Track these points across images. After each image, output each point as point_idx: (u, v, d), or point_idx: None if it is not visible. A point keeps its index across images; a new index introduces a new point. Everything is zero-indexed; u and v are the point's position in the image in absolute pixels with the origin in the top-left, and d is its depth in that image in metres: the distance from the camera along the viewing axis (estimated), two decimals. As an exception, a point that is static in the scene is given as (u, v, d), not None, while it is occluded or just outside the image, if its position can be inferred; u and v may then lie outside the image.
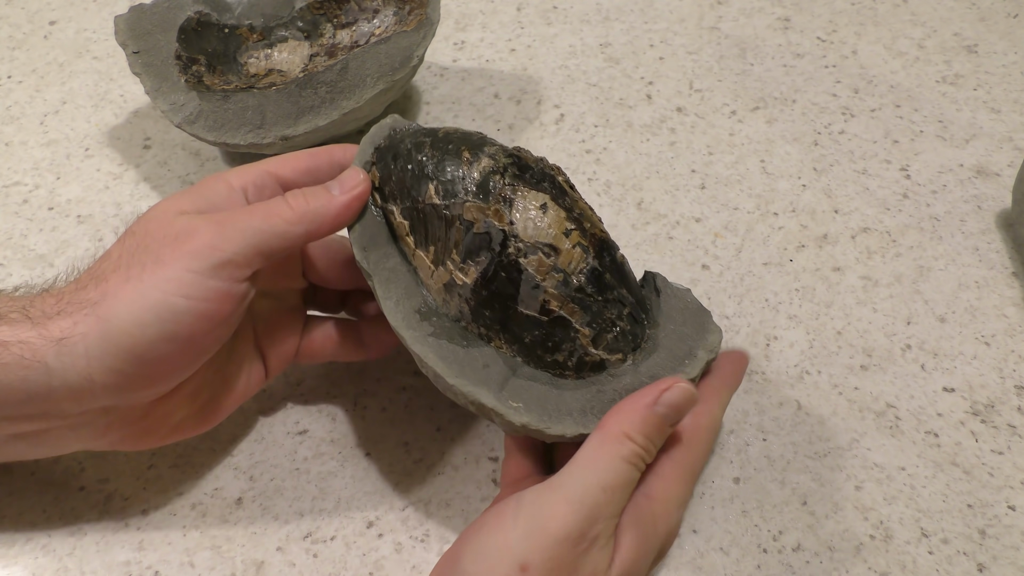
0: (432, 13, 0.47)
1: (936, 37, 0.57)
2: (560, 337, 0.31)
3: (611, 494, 0.27)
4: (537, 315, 0.31)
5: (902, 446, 0.37)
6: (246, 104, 0.44)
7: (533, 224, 0.32)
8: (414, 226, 0.32)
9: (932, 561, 0.34)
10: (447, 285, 0.32)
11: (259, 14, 0.50)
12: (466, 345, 0.31)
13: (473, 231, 0.31)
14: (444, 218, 0.32)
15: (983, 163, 0.49)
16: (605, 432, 0.28)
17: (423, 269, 0.32)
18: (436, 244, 0.32)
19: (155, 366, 0.29)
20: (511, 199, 0.32)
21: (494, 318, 0.31)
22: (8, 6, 0.61)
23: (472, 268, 0.31)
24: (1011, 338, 0.41)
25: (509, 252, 0.31)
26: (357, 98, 0.44)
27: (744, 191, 0.48)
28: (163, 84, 0.44)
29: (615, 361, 0.32)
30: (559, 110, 0.53)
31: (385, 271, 0.31)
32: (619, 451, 0.27)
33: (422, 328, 0.31)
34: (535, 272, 0.31)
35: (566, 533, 0.26)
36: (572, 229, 0.32)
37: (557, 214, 0.32)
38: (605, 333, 0.32)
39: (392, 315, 0.31)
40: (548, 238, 0.31)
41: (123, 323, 0.28)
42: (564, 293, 0.31)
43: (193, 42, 0.47)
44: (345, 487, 0.36)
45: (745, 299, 0.43)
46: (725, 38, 0.57)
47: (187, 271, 0.28)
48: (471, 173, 0.32)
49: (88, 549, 0.35)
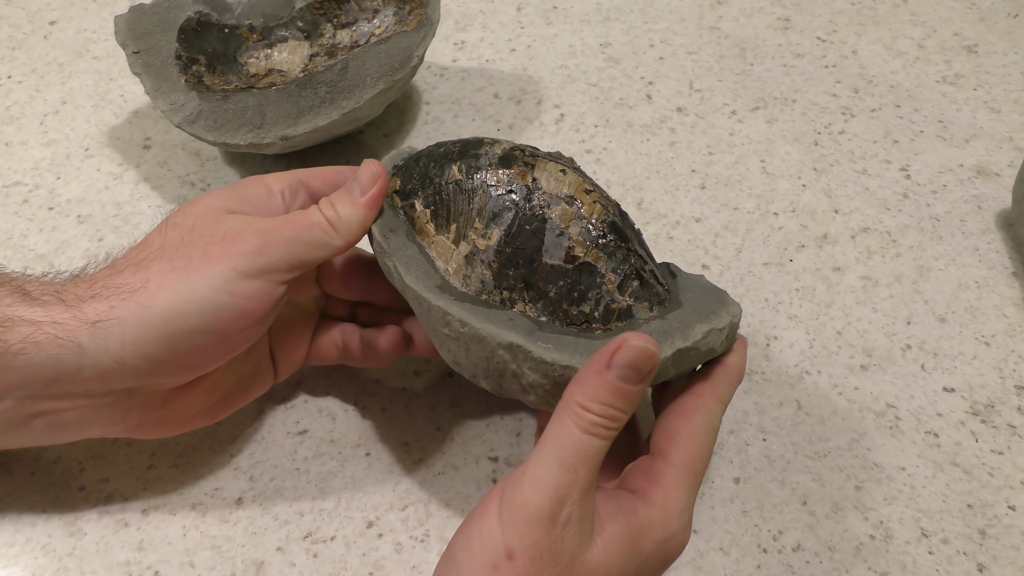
0: (432, 13, 0.47)
1: (936, 37, 0.57)
2: (586, 285, 0.31)
3: (573, 471, 0.26)
4: (562, 263, 0.31)
5: (902, 446, 0.37)
6: (246, 104, 0.44)
7: (555, 180, 0.33)
8: (435, 212, 0.33)
9: (932, 561, 0.34)
10: (468, 256, 0.32)
11: (259, 14, 0.50)
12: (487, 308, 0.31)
13: (497, 193, 0.32)
14: (467, 191, 0.32)
15: (983, 163, 0.49)
16: (562, 405, 0.27)
17: (443, 255, 0.32)
18: (458, 220, 0.32)
19: (188, 355, 0.30)
20: (533, 164, 0.33)
21: (518, 276, 0.32)
22: (8, 6, 0.61)
23: (495, 231, 0.32)
24: (1011, 338, 0.41)
25: (533, 204, 0.32)
26: (357, 98, 0.44)
27: (744, 191, 0.48)
28: (163, 84, 0.44)
29: (641, 309, 0.31)
30: (559, 110, 0.53)
31: (404, 256, 0.32)
32: (576, 423, 0.27)
33: (444, 296, 0.31)
34: (559, 220, 0.32)
35: (536, 516, 0.26)
36: (591, 190, 0.33)
37: (576, 177, 0.33)
38: (630, 280, 0.32)
39: (415, 285, 0.31)
40: (570, 191, 0.32)
41: (164, 310, 0.29)
42: (588, 239, 0.31)
43: (193, 42, 0.47)
44: (345, 487, 0.36)
45: (745, 299, 0.43)
46: (725, 38, 0.57)
47: (233, 270, 0.30)
48: (493, 151, 0.34)
49: (88, 549, 0.35)
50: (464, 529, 0.27)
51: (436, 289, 0.31)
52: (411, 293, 0.31)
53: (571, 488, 0.26)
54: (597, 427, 0.27)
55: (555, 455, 0.26)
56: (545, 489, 0.26)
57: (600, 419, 0.27)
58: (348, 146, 0.51)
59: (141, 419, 0.33)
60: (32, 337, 0.28)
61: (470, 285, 0.32)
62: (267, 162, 0.50)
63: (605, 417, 0.27)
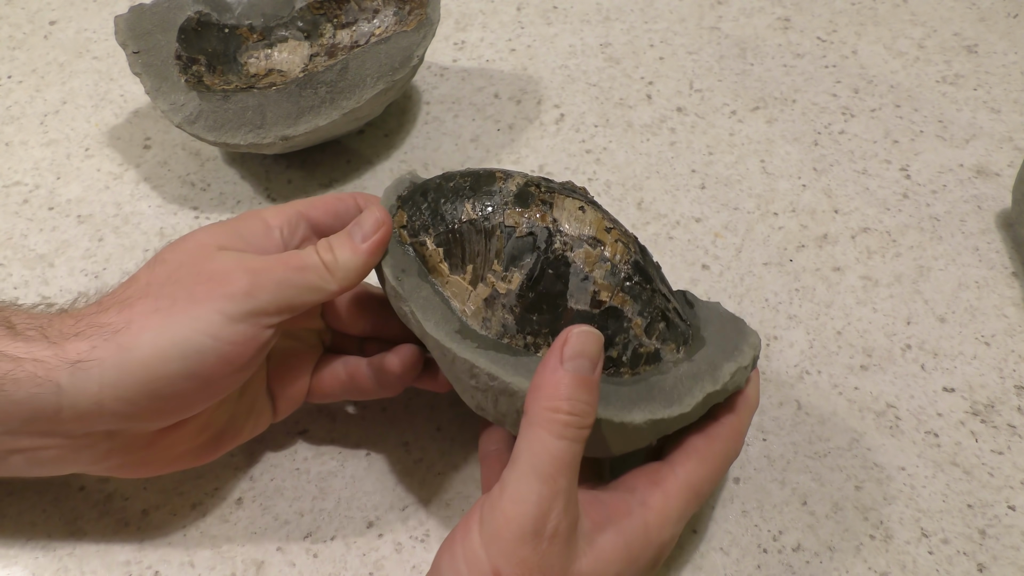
0: (432, 13, 0.47)
1: (936, 37, 0.57)
2: (613, 330, 0.31)
3: (552, 481, 0.25)
4: (588, 308, 0.31)
5: (902, 446, 0.37)
6: (246, 104, 0.44)
7: (576, 220, 0.32)
8: (449, 251, 0.32)
9: (932, 561, 0.34)
10: (488, 300, 0.31)
11: (259, 14, 0.50)
12: (512, 355, 0.30)
13: (516, 235, 0.31)
14: (483, 231, 0.31)
15: (983, 163, 0.49)
16: (528, 417, 0.27)
17: (458, 296, 0.31)
18: (475, 261, 0.31)
19: (169, 400, 0.29)
20: (550, 203, 0.32)
21: (542, 321, 0.31)
22: (8, 6, 0.61)
23: (516, 274, 0.31)
24: (1011, 338, 0.41)
25: (555, 247, 0.31)
26: (357, 98, 0.44)
27: (744, 191, 0.48)
28: (163, 84, 0.44)
29: (669, 351, 0.31)
30: (559, 110, 0.53)
31: (420, 299, 0.31)
32: (547, 430, 0.26)
33: (466, 344, 0.30)
34: (583, 264, 0.31)
35: (520, 534, 0.25)
36: (611, 228, 0.32)
37: (596, 214, 0.32)
38: (656, 323, 0.31)
39: (436, 333, 0.30)
40: (592, 231, 0.32)
41: (144, 355, 0.28)
42: (613, 282, 0.31)
43: (193, 42, 0.47)
44: (345, 487, 0.36)
45: (745, 299, 0.43)
46: (725, 38, 0.57)
47: (219, 313, 0.28)
48: (507, 187, 0.33)
49: (88, 549, 0.35)
50: (448, 548, 0.27)
51: (457, 335, 0.30)
52: (432, 341, 0.30)
53: (553, 499, 0.25)
54: (569, 428, 0.26)
55: (531, 467, 0.25)
56: (527, 504, 0.25)
57: (570, 417, 0.26)
58: (348, 146, 0.51)
59: (123, 461, 0.31)
60: (12, 374, 0.27)
61: (490, 328, 0.31)
62: (267, 162, 0.50)
63: (574, 414, 0.26)
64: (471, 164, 0.50)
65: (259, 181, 0.49)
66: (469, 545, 0.26)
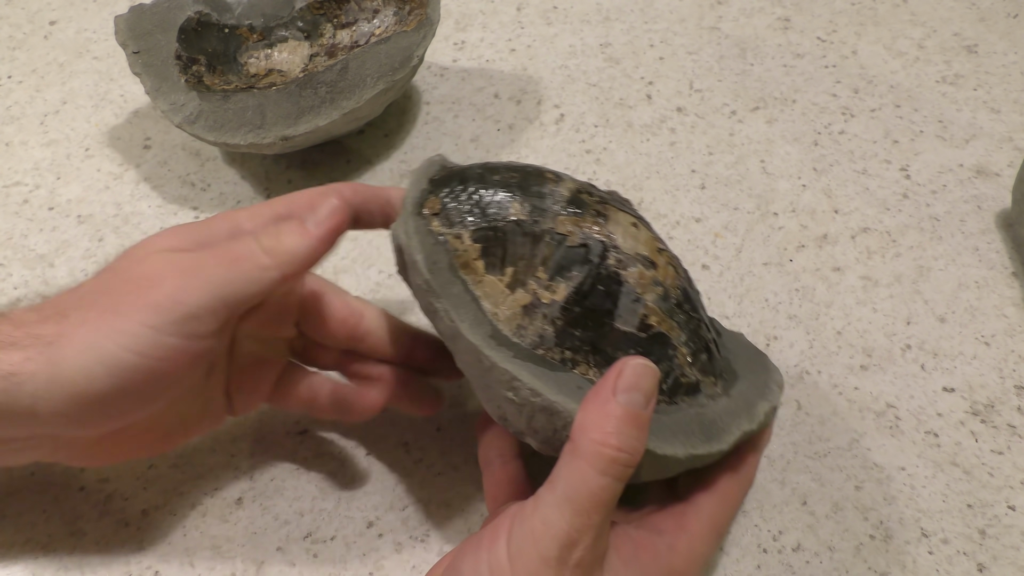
0: (432, 13, 0.47)
1: (936, 37, 0.57)
2: (657, 356, 0.29)
3: (586, 516, 0.25)
4: (635, 331, 0.29)
5: (902, 446, 0.37)
6: (246, 104, 0.44)
7: (631, 237, 0.30)
8: (487, 249, 0.30)
9: (932, 561, 0.34)
10: (527, 307, 0.29)
11: (259, 14, 0.50)
12: (551, 370, 0.28)
13: (567, 244, 0.30)
14: (531, 234, 0.30)
15: (983, 163, 0.49)
16: (575, 444, 0.26)
17: (491, 297, 0.29)
18: (517, 264, 0.30)
19: (103, 412, 0.28)
20: (605, 215, 0.31)
21: (585, 338, 0.29)
22: (8, 6, 0.61)
23: (562, 285, 0.29)
24: (1011, 338, 0.41)
25: (608, 263, 0.29)
26: (357, 98, 0.44)
27: (744, 191, 0.48)
28: (163, 84, 0.44)
29: (708, 384, 0.30)
30: (559, 110, 0.53)
31: (452, 296, 0.29)
32: (591, 464, 0.25)
33: (503, 352, 0.28)
34: (635, 285, 0.29)
35: (545, 556, 0.25)
36: (662, 249, 0.31)
37: (648, 233, 0.31)
38: (700, 354, 0.30)
39: (472, 337, 0.28)
40: (645, 251, 0.30)
41: (71, 371, 0.27)
42: (664, 308, 0.30)
43: (193, 42, 0.47)
44: (345, 487, 0.36)
45: (745, 299, 0.43)
46: (725, 38, 0.57)
47: (143, 326, 0.27)
48: (559, 190, 0.31)
49: (88, 549, 0.35)
50: (473, 551, 0.26)
51: (492, 340, 0.28)
52: (466, 344, 0.28)
53: (583, 533, 0.25)
54: (614, 465, 0.25)
55: (568, 498, 0.25)
56: (556, 531, 0.25)
57: (617, 454, 0.25)
58: (348, 146, 0.51)
59: (72, 453, 0.31)
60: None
61: (525, 337, 0.29)
62: (267, 162, 0.50)
63: (622, 451, 0.25)
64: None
65: (259, 181, 0.49)
66: (496, 554, 0.26)
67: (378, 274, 0.44)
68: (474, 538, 0.27)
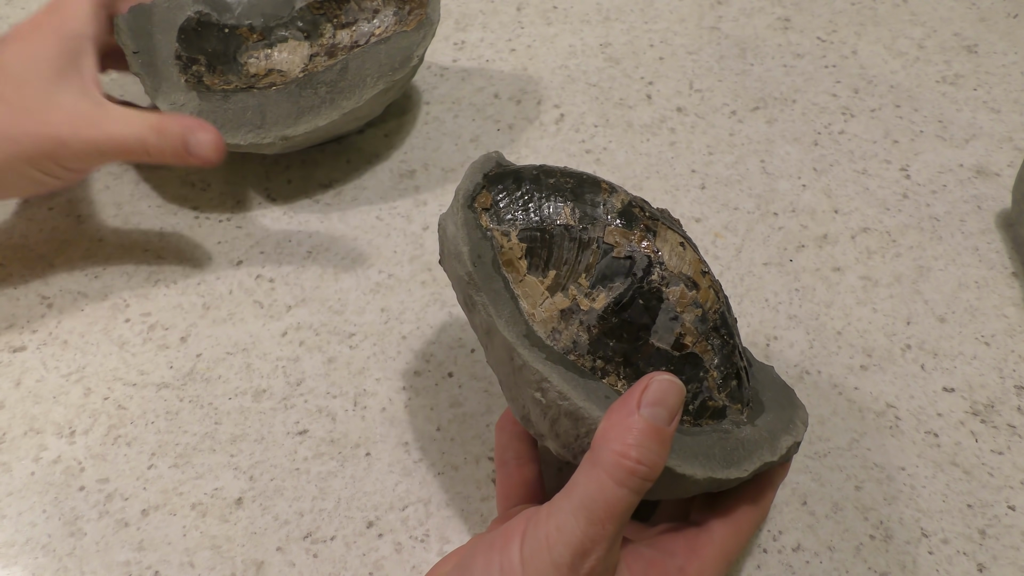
0: (432, 13, 0.47)
1: (936, 37, 0.57)
2: (689, 376, 0.30)
3: (600, 526, 0.25)
4: (669, 349, 0.30)
5: (902, 446, 0.37)
6: (246, 104, 0.44)
7: (677, 256, 0.31)
8: (532, 249, 0.30)
9: (932, 561, 0.34)
10: (565, 312, 0.29)
11: (259, 14, 0.50)
12: (581, 376, 0.28)
13: (613, 255, 0.30)
14: (578, 240, 0.30)
15: (983, 163, 0.49)
16: (595, 453, 0.26)
17: (529, 297, 0.30)
18: (560, 268, 0.30)
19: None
20: (654, 231, 0.31)
21: (618, 349, 0.29)
22: (8, 6, 0.61)
23: (602, 294, 0.30)
24: (1011, 338, 0.41)
25: (652, 279, 0.30)
26: (357, 98, 0.44)
27: (744, 191, 0.48)
28: (163, 84, 0.44)
29: (734, 410, 0.30)
30: (559, 110, 0.53)
31: (491, 291, 0.29)
32: (611, 474, 0.25)
33: (535, 352, 0.28)
34: (675, 303, 0.30)
35: (557, 563, 0.25)
36: (706, 272, 0.31)
37: (694, 255, 0.31)
38: (730, 380, 0.30)
39: (507, 333, 0.28)
40: (690, 271, 0.30)
41: None
42: (700, 330, 0.30)
43: (193, 42, 0.47)
44: (345, 487, 0.36)
45: (745, 299, 0.43)
46: (725, 38, 0.57)
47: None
48: (612, 201, 0.31)
49: (88, 549, 0.35)
50: (485, 551, 0.26)
51: (525, 340, 0.28)
52: (501, 340, 0.28)
53: (596, 542, 0.25)
54: (633, 478, 0.25)
55: (583, 506, 0.25)
56: (570, 538, 0.25)
57: (637, 466, 0.25)
58: (348, 146, 0.51)
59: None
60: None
61: (559, 341, 0.29)
62: (267, 162, 0.50)
63: (642, 464, 0.25)
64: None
65: (259, 181, 0.49)
66: (508, 556, 0.26)
67: (378, 274, 0.44)
68: (486, 538, 0.27)
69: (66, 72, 0.40)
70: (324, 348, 0.41)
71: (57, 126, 0.38)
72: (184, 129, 0.39)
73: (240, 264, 0.44)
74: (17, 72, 0.39)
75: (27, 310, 0.42)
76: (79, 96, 0.40)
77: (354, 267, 0.44)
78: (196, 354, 0.41)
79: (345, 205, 0.47)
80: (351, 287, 0.43)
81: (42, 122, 0.38)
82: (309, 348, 0.41)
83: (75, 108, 0.39)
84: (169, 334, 0.42)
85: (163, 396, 0.39)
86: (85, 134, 0.39)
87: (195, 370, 0.40)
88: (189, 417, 0.39)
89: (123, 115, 0.40)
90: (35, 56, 0.39)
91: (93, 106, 0.40)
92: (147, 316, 0.42)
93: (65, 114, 0.39)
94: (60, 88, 0.39)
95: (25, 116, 0.38)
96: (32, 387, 0.40)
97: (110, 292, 0.43)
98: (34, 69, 0.39)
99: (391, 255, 0.45)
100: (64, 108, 0.39)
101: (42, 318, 0.42)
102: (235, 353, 0.41)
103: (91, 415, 0.39)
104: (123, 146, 0.39)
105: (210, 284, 0.44)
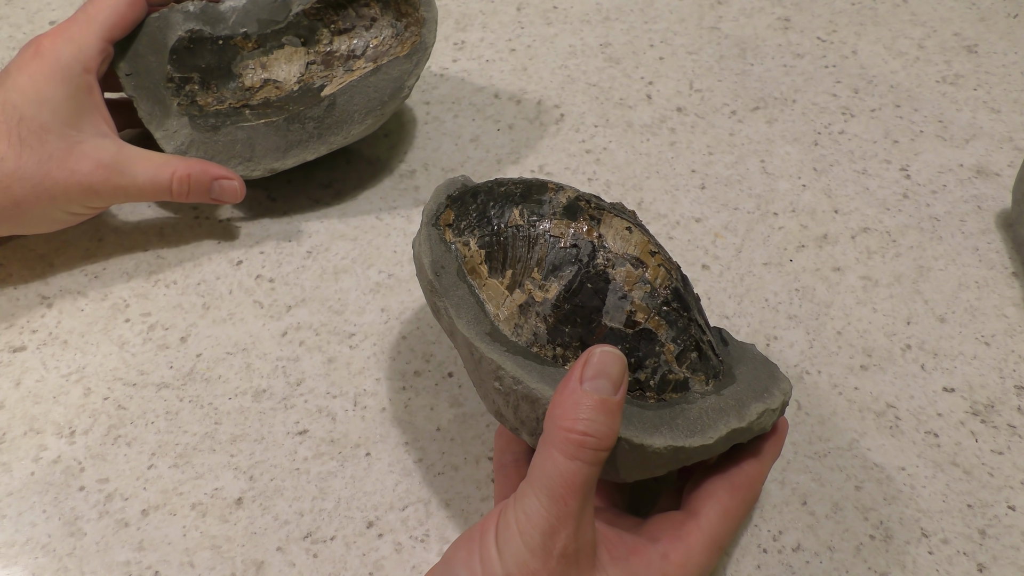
0: (427, 36, 0.46)
1: (936, 37, 0.57)
2: (644, 352, 0.30)
3: (562, 503, 0.25)
4: (622, 327, 0.30)
5: (902, 446, 0.37)
6: (235, 138, 0.44)
7: (622, 239, 0.32)
8: (490, 254, 0.32)
9: (932, 561, 0.34)
10: (523, 306, 0.31)
11: (254, 20, 0.49)
12: (541, 364, 0.30)
13: (560, 245, 0.31)
14: (528, 238, 0.32)
15: (983, 163, 0.49)
16: (546, 433, 0.26)
17: (493, 299, 0.32)
18: (515, 266, 0.32)
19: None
20: (599, 219, 0.32)
21: (574, 334, 0.31)
22: (8, 6, 0.61)
23: (554, 284, 0.31)
24: (1011, 338, 0.41)
25: (597, 262, 0.31)
26: (345, 134, 0.45)
27: (744, 191, 0.48)
28: (156, 109, 0.45)
29: (698, 382, 0.31)
30: (559, 110, 0.53)
31: (455, 297, 0.31)
32: (561, 450, 0.25)
33: (495, 346, 0.30)
34: (623, 282, 0.31)
35: (530, 547, 0.25)
36: (656, 252, 0.32)
37: (642, 237, 0.32)
38: (689, 352, 0.31)
39: (466, 331, 0.30)
40: (636, 252, 0.32)
41: None
42: (651, 305, 0.31)
43: (186, 61, 0.47)
44: (345, 487, 0.36)
45: (745, 299, 0.43)
46: (725, 38, 0.57)
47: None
48: (557, 198, 0.33)
49: (88, 549, 0.35)
50: (466, 544, 0.27)
51: (487, 337, 0.30)
52: (461, 339, 0.30)
53: (562, 520, 0.25)
54: (583, 450, 0.25)
55: (543, 487, 0.25)
56: (536, 519, 0.25)
57: (584, 438, 0.25)
58: (348, 146, 0.51)
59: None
60: None
61: (521, 335, 0.31)
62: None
63: (590, 435, 0.25)
64: (471, 164, 0.50)
65: (259, 181, 0.49)
66: (486, 547, 0.26)
67: (378, 274, 0.44)
68: (467, 533, 0.28)
69: (83, 113, 0.40)
70: (324, 348, 0.41)
71: (86, 175, 0.39)
72: (209, 179, 0.42)
73: (240, 264, 0.45)
74: (33, 115, 0.38)
75: (27, 310, 0.42)
76: (100, 140, 0.40)
77: (354, 267, 0.44)
78: (196, 354, 0.41)
79: (345, 205, 0.47)
80: (351, 287, 0.43)
81: (70, 171, 0.39)
82: (309, 348, 0.41)
83: (100, 156, 0.40)
84: (169, 334, 0.42)
85: (163, 396, 0.39)
86: (115, 182, 0.40)
87: (195, 370, 0.40)
88: (189, 417, 0.39)
89: (150, 162, 0.41)
90: (51, 99, 0.39)
91: (116, 150, 0.40)
92: (147, 316, 0.42)
93: (92, 163, 0.39)
94: (81, 133, 0.40)
95: (53, 164, 0.38)
96: (32, 387, 0.40)
97: (110, 292, 0.43)
98: (51, 113, 0.39)
99: (391, 255, 0.45)
100: (89, 156, 0.39)
101: (42, 318, 0.42)
102: (235, 353, 0.41)
103: (91, 415, 0.39)
104: (150, 193, 0.41)
105: (210, 284, 0.44)
